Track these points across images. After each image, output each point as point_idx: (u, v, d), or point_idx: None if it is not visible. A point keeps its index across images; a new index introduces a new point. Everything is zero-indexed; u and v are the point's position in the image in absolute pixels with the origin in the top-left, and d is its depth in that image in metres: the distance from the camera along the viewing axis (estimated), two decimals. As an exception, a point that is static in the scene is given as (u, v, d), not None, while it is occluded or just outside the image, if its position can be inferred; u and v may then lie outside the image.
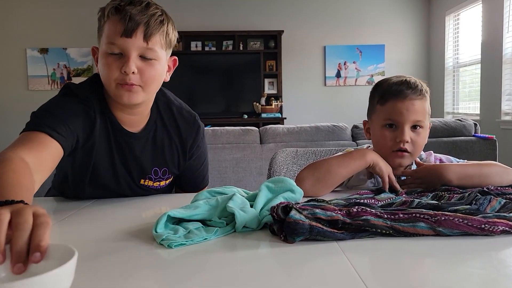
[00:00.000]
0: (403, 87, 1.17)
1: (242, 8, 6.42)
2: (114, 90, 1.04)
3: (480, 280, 0.57)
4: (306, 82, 6.56)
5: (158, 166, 1.19)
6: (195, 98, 6.21)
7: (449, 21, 6.01)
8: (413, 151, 1.18)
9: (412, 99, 1.16)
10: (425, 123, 1.19)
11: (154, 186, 1.21)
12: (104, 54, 1.02)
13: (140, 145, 1.15)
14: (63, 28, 6.23)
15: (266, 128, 3.04)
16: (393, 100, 1.17)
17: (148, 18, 1.00)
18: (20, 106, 6.20)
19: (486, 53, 4.99)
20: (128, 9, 0.99)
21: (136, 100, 1.05)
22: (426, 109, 1.20)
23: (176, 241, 0.71)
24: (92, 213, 1.03)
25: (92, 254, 0.70)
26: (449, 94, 6.08)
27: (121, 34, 0.99)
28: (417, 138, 1.17)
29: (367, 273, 0.59)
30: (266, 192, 0.90)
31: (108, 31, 1.01)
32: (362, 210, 0.76)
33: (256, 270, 0.62)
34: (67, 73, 6.28)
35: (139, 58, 1.02)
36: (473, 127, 3.04)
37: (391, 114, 1.17)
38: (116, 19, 1.00)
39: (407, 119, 1.15)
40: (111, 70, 1.01)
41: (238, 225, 0.78)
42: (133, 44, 1.00)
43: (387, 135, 1.18)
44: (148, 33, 1.00)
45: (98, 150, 1.11)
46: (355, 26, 6.52)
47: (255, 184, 2.84)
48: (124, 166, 1.16)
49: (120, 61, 1.01)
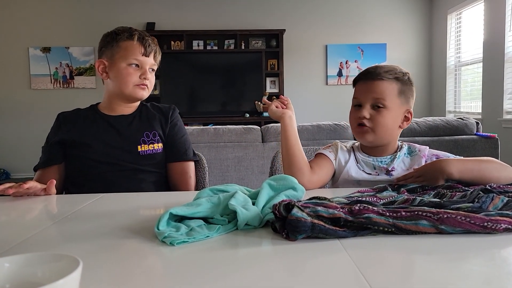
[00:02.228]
0: (372, 69, 1.31)
1: (244, 7, 6.42)
2: (132, 89, 1.48)
3: (483, 278, 0.57)
4: (308, 81, 6.56)
5: (148, 130, 1.51)
6: (197, 97, 6.21)
7: (451, 20, 5.99)
8: (374, 128, 1.28)
9: (376, 80, 1.28)
10: (389, 104, 1.27)
11: (150, 150, 1.49)
12: (125, 65, 1.47)
13: (129, 119, 1.53)
14: (66, 27, 6.24)
15: (267, 126, 3.04)
16: (361, 81, 1.33)
17: (156, 47, 1.54)
18: (23, 105, 6.22)
19: (488, 52, 4.98)
20: (147, 39, 1.50)
21: (144, 96, 1.52)
22: (392, 91, 1.28)
23: (178, 238, 0.71)
24: (94, 210, 1.04)
25: (94, 251, 0.70)
26: (451, 93, 6.07)
27: (142, 54, 1.48)
28: (377, 116, 1.27)
29: (369, 270, 0.59)
30: (268, 189, 0.90)
31: (131, 50, 1.47)
32: (364, 208, 0.76)
33: (257, 268, 0.62)
34: (69, 72, 6.29)
35: (149, 70, 1.52)
36: (475, 126, 3.03)
37: (357, 93, 1.32)
38: (138, 43, 1.48)
39: (368, 97, 1.28)
40: (131, 76, 1.48)
41: (240, 223, 0.78)
42: (148, 61, 1.51)
43: (353, 113, 1.32)
44: (156, 55, 1.53)
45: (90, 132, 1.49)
46: (357, 25, 6.51)
47: (257, 183, 2.84)
48: (119, 135, 1.49)
49: (139, 71, 1.49)
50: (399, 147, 1.36)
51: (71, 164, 1.48)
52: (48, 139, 1.54)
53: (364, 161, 1.34)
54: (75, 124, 1.51)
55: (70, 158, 1.48)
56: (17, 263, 0.51)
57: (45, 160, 1.49)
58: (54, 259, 0.51)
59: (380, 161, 1.33)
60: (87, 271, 0.52)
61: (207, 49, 6.27)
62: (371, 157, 1.34)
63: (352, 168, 1.34)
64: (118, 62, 1.47)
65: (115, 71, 1.48)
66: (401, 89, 1.29)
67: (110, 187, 1.34)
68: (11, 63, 6.20)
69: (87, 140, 1.46)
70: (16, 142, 6.19)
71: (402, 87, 1.30)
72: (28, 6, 6.18)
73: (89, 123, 1.51)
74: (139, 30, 1.52)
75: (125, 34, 1.48)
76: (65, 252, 0.52)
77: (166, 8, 6.35)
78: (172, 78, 5.98)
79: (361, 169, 1.34)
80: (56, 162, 1.47)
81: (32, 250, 0.73)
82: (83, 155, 1.45)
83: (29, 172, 5.83)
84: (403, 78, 1.30)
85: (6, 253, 0.70)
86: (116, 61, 1.47)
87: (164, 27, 6.30)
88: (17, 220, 1.00)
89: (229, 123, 3.82)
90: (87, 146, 1.45)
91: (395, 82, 1.28)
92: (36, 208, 1.12)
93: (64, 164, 1.49)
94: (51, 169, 1.47)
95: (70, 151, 1.47)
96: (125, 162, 1.45)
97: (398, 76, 1.29)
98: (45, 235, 0.82)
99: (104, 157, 1.45)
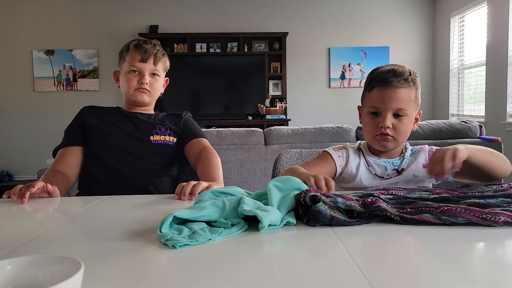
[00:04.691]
0: (389, 75, 1.24)
1: (247, 10, 6.43)
2: (132, 93, 1.60)
3: (486, 281, 0.57)
4: (311, 84, 6.56)
5: (161, 125, 1.63)
6: (199, 100, 6.22)
7: (454, 23, 5.99)
8: (396, 136, 1.26)
9: (396, 87, 1.23)
10: (409, 111, 1.25)
11: (161, 140, 1.59)
12: (126, 72, 1.60)
13: (144, 116, 1.64)
14: (69, 29, 6.26)
15: (270, 129, 3.04)
16: (378, 88, 1.25)
17: (155, 51, 1.61)
18: (26, 107, 6.24)
19: (491, 55, 4.97)
20: (144, 46, 1.60)
21: (145, 99, 1.62)
22: (410, 97, 1.25)
23: (180, 241, 0.71)
24: (97, 212, 1.04)
25: (96, 253, 0.70)
26: (454, 96, 6.06)
27: (139, 60, 1.59)
28: (399, 124, 1.25)
29: (370, 271, 0.58)
30: (276, 191, 0.90)
31: (129, 58, 1.60)
32: (376, 199, 0.85)
33: (259, 270, 0.62)
34: (72, 74, 6.31)
35: (150, 75, 1.61)
36: (478, 129, 3.02)
37: (375, 101, 1.25)
38: (136, 51, 1.59)
39: (389, 106, 1.23)
40: (132, 81, 1.60)
41: (264, 225, 0.79)
42: (147, 67, 1.60)
43: (371, 121, 1.27)
44: (156, 60, 1.61)
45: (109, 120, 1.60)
46: (360, 28, 6.51)
47: (259, 185, 2.84)
48: (134, 125, 1.60)
49: (138, 76, 1.60)
50: (404, 147, 1.37)
51: (87, 151, 1.57)
52: (68, 126, 1.65)
53: (376, 164, 1.34)
54: (96, 113, 1.64)
55: (87, 144, 1.57)
56: (19, 266, 0.51)
57: (65, 140, 1.59)
58: (56, 262, 0.51)
59: (391, 162, 1.33)
60: (88, 274, 0.52)
61: (210, 52, 6.29)
62: (381, 159, 1.34)
63: (363, 175, 1.33)
64: (123, 71, 1.63)
65: (121, 78, 1.64)
66: (416, 93, 1.28)
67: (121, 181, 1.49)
68: (15, 66, 6.22)
69: (104, 126, 1.58)
70: (20, 144, 6.20)
71: (416, 91, 1.28)
72: (31, 9, 6.21)
73: (109, 114, 1.64)
74: (140, 39, 1.66)
75: (126, 45, 1.64)
76: (67, 255, 0.52)
77: (169, 11, 6.37)
78: (175, 81, 5.94)
79: (372, 172, 1.33)
80: (74, 143, 1.56)
81: (34, 252, 0.73)
82: (99, 139, 1.55)
83: (32, 174, 5.85)
84: (416, 80, 1.28)
85: (7, 255, 0.70)
86: (122, 70, 1.64)
87: (167, 30, 6.31)
88: (19, 222, 1.00)
89: (231, 126, 3.82)
90: (103, 131, 1.56)
91: (412, 87, 1.26)
92: (38, 210, 1.12)
93: (83, 150, 1.57)
94: (70, 150, 1.55)
95: (88, 135, 1.57)
96: (137, 151, 1.55)
97: (414, 80, 1.27)
98: (47, 237, 0.82)
99: (118, 142, 1.54)
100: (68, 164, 1.52)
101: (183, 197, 1.16)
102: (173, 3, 6.38)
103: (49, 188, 1.24)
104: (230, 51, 6.32)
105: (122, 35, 6.26)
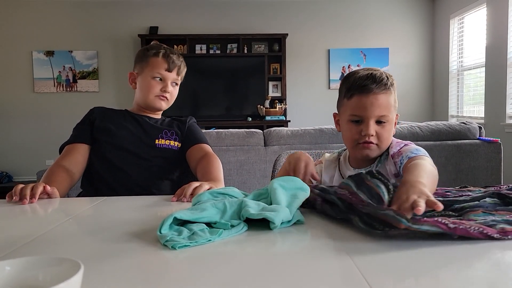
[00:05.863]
0: (368, 81, 1.20)
1: (246, 12, 6.44)
2: (152, 99, 1.65)
3: (487, 284, 0.57)
4: (310, 85, 6.56)
5: (167, 129, 1.67)
6: (199, 101, 6.23)
7: (454, 24, 5.99)
8: (379, 143, 1.23)
9: (376, 94, 1.20)
10: (390, 117, 1.23)
11: (166, 144, 1.63)
12: (150, 78, 1.64)
13: (152, 121, 1.69)
14: (69, 31, 6.27)
15: (270, 130, 3.04)
16: (358, 95, 1.21)
17: (180, 63, 1.69)
18: (26, 108, 6.24)
19: (490, 57, 4.97)
20: (171, 56, 1.66)
21: (163, 106, 1.69)
22: (391, 102, 1.23)
23: (180, 242, 0.71)
24: (97, 213, 1.04)
25: (96, 254, 0.70)
26: (453, 98, 6.06)
27: (165, 69, 1.64)
28: (382, 131, 1.22)
29: (371, 275, 0.58)
30: (281, 190, 0.91)
31: (155, 65, 1.64)
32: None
33: (259, 271, 0.62)
34: (72, 75, 6.31)
35: (171, 84, 1.68)
36: (477, 130, 3.02)
37: (356, 109, 1.22)
38: (163, 60, 1.64)
39: (372, 114, 1.20)
40: (154, 88, 1.64)
41: (277, 224, 0.80)
42: (171, 76, 1.66)
43: (353, 129, 1.23)
44: (179, 71, 1.69)
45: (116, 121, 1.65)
46: (359, 29, 6.51)
47: (259, 186, 2.84)
48: (141, 128, 1.64)
49: (161, 84, 1.65)
50: None
51: (94, 150, 1.59)
52: (77, 124, 1.68)
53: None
54: (106, 113, 1.68)
55: (95, 143, 1.60)
56: (18, 267, 0.51)
57: (73, 137, 1.62)
58: (55, 263, 0.51)
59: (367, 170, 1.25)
60: (88, 275, 0.52)
61: (210, 53, 6.29)
62: (362, 169, 1.27)
63: None
64: (145, 75, 1.65)
65: (142, 82, 1.67)
66: (394, 97, 1.26)
67: (125, 180, 1.52)
68: (15, 67, 6.22)
69: (112, 126, 1.61)
70: (19, 145, 6.20)
71: (394, 95, 1.25)
72: (31, 10, 6.21)
73: (118, 116, 1.68)
74: (167, 48, 1.70)
75: (153, 51, 1.66)
76: (66, 256, 0.52)
77: (169, 13, 6.37)
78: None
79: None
80: (82, 141, 1.59)
81: (33, 253, 0.73)
82: (107, 140, 1.58)
83: (32, 175, 5.84)
84: (393, 83, 1.25)
85: (7, 256, 0.70)
86: (144, 74, 1.66)
87: (167, 31, 6.32)
88: (18, 223, 1.00)
89: (231, 127, 3.83)
90: (111, 131, 1.60)
91: (391, 92, 1.23)
92: (38, 211, 1.12)
93: (89, 149, 1.60)
94: (78, 147, 1.58)
95: (96, 135, 1.60)
96: (142, 153, 1.58)
97: (392, 84, 1.24)
98: (47, 239, 0.82)
99: (125, 143, 1.58)
100: (74, 160, 1.54)
101: (183, 199, 1.16)
102: (173, 5, 6.39)
103: (48, 189, 1.24)
104: (230, 53, 6.33)
105: (122, 37, 6.27)
